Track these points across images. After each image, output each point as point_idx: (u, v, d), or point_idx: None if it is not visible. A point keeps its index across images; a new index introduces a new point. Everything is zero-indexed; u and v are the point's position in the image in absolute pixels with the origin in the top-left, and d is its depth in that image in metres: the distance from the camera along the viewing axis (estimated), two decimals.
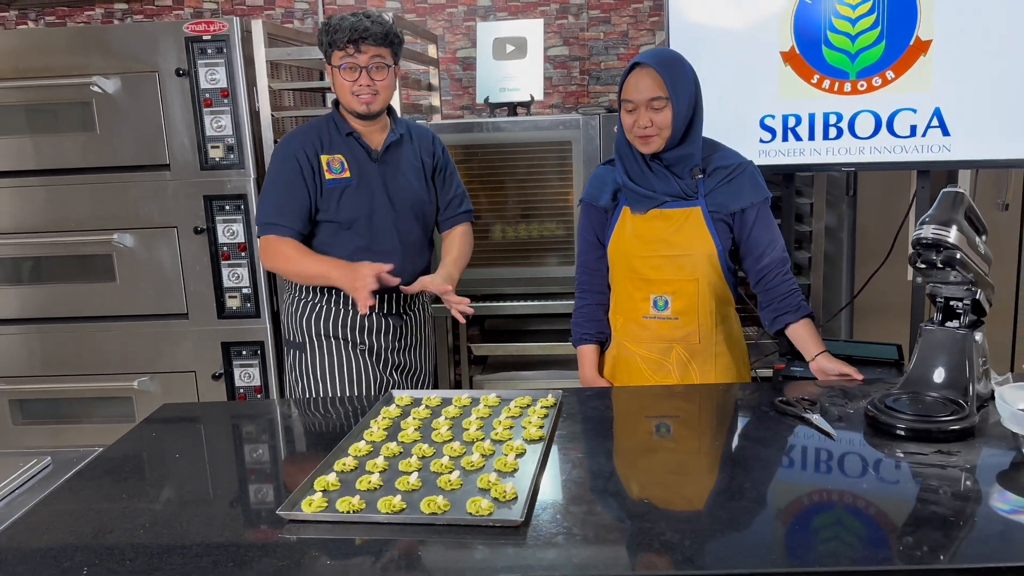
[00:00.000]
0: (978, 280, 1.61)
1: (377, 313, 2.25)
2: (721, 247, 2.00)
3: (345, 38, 2.06)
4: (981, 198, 2.88)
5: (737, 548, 1.21)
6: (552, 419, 1.67)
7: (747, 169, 2.02)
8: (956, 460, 1.42)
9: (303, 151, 2.18)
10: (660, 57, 1.95)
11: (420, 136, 2.33)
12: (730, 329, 2.10)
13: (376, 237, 2.21)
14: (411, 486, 1.37)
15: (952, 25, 2.30)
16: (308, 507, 1.31)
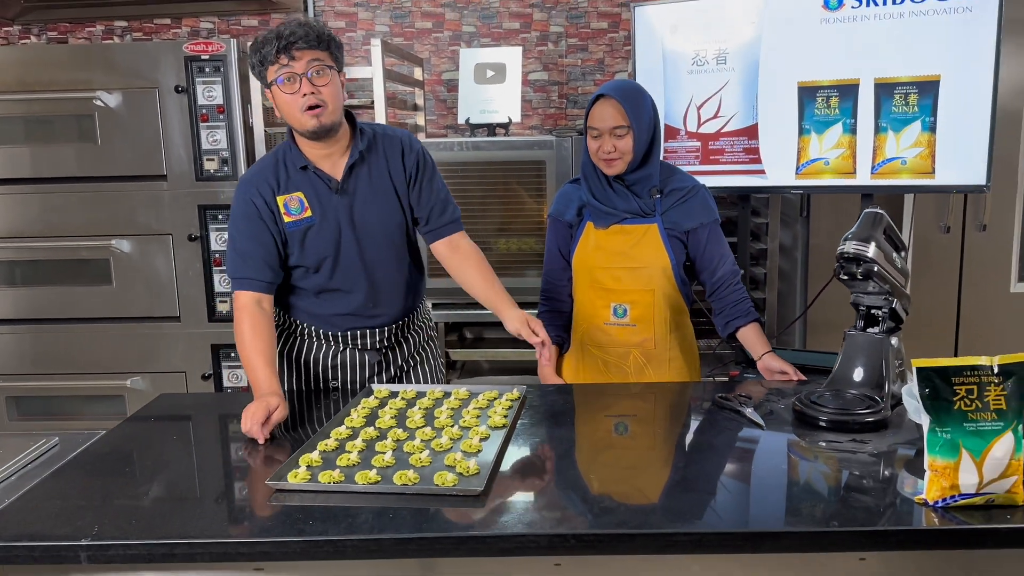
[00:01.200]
0: (895, 291, 1.81)
1: (351, 348, 2.13)
2: (675, 261, 2.19)
3: (274, 48, 1.83)
4: (924, 222, 3.10)
5: (672, 511, 1.39)
6: (516, 410, 1.85)
7: (699, 192, 2.21)
8: (867, 448, 1.61)
9: (259, 195, 1.97)
10: (622, 89, 2.14)
11: (389, 145, 2.05)
12: (683, 336, 2.30)
13: (343, 275, 2.04)
14: (386, 463, 1.55)
15: (893, 61, 2.52)
16: (294, 478, 1.49)
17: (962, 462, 1.34)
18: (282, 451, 1.70)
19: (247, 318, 1.93)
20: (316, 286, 2.05)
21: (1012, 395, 1.34)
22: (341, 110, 1.95)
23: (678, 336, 2.27)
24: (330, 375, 2.15)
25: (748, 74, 2.70)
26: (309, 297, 2.08)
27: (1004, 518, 1.32)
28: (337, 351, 2.13)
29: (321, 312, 2.09)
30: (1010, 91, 2.95)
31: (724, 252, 2.23)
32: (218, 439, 1.94)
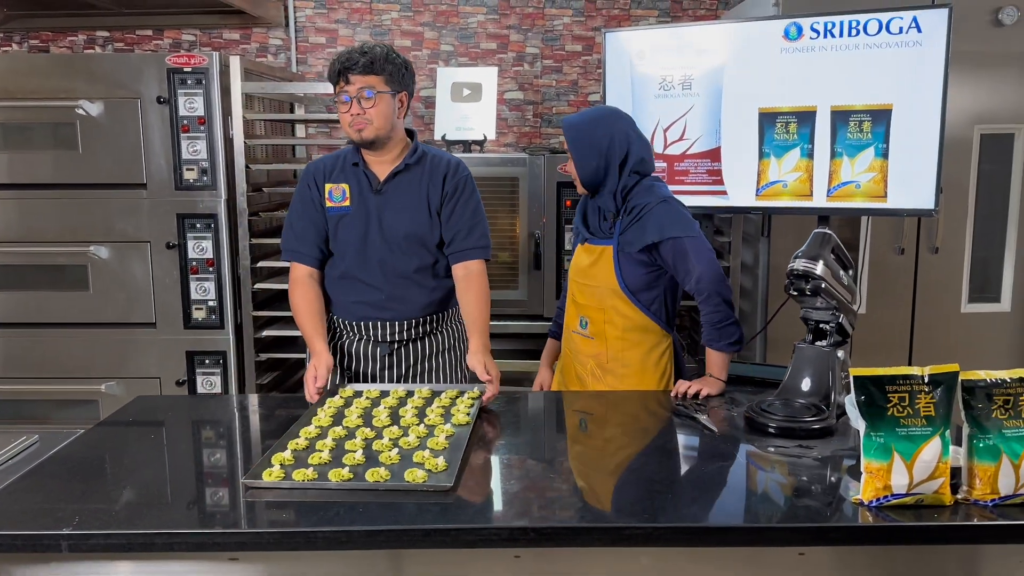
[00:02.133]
0: (841, 306, 1.92)
1: (365, 340, 2.29)
2: (626, 282, 2.23)
3: (336, 71, 2.15)
4: (880, 244, 3.24)
5: (626, 507, 1.48)
6: (477, 408, 1.93)
7: (653, 210, 2.18)
8: (812, 453, 1.72)
9: (313, 179, 2.26)
10: (572, 121, 2.27)
11: (435, 165, 2.27)
12: (646, 356, 2.29)
13: (363, 266, 2.24)
14: (356, 460, 1.63)
15: (847, 90, 2.65)
16: (269, 476, 1.56)
17: (894, 464, 1.44)
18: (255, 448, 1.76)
19: (299, 288, 2.25)
20: (341, 272, 2.27)
21: (940, 402, 1.45)
22: (389, 127, 2.18)
23: (637, 355, 2.29)
24: (344, 363, 2.33)
25: (712, 99, 2.82)
26: (336, 283, 2.29)
27: (932, 516, 1.42)
28: (353, 340, 2.31)
29: (342, 299, 2.29)
30: (959, 120, 3.10)
31: (689, 268, 2.17)
32: (194, 438, 2.00)
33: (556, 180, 3.22)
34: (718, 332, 2.17)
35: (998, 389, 1.46)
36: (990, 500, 1.45)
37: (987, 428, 1.45)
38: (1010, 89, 3.13)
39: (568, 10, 4.10)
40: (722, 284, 2.18)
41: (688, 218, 2.21)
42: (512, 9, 4.10)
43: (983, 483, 1.45)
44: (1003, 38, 3.09)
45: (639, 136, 2.27)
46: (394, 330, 2.28)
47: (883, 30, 2.58)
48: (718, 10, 4.07)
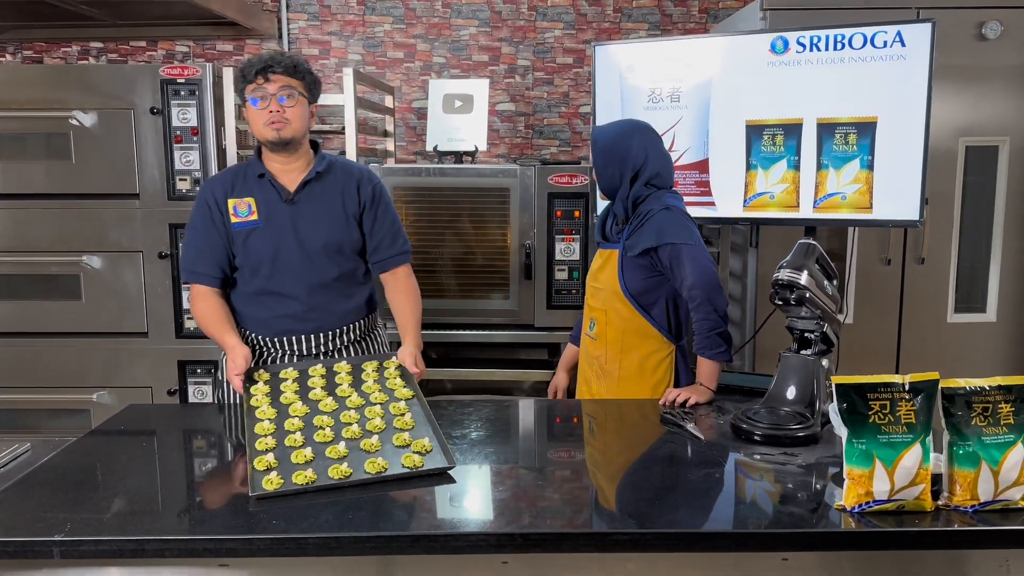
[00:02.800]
0: (826, 316, 1.95)
1: (290, 354, 2.25)
2: (628, 285, 2.29)
3: (254, 69, 2.10)
4: (867, 254, 3.28)
5: (612, 514, 1.50)
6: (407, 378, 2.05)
7: (655, 216, 2.24)
8: (796, 460, 1.74)
9: (212, 196, 2.19)
10: (596, 132, 2.39)
11: (347, 174, 2.27)
12: (643, 361, 2.33)
13: (281, 279, 2.19)
14: (341, 453, 1.65)
15: (832, 103, 2.69)
16: (270, 485, 1.56)
17: (876, 471, 1.47)
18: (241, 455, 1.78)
19: (201, 301, 2.21)
20: (258, 287, 2.21)
21: (921, 410, 1.48)
22: (304, 131, 2.19)
23: (635, 359, 2.33)
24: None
25: (700, 112, 2.86)
26: (252, 300, 2.23)
27: (913, 522, 1.45)
28: (276, 357, 2.26)
29: (261, 315, 2.23)
30: (945, 132, 3.15)
31: (684, 274, 2.21)
32: (184, 446, 2.02)
33: (547, 191, 3.25)
34: (708, 340, 2.20)
35: (977, 397, 1.48)
36: (970, 506, 1.47)
37: (967, 435, 1.48)
38: (994, 102, 3.18)
39: (559, 23, 4.14)
40: (716, 293, 2.21)
41: (688, 226, 2.26)
42: (504, 22, 4.14)
43: (963, 489, 1.48)
44: (987, 52, 3.14)
45: (658, 151, 2.34)
46: (318, 342, 2.26)
47: (868, 44, 2.62)
48: (707, 23, 4.12)
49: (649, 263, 2.27)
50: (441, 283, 3.38)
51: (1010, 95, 3.17)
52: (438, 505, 1.53)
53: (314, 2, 4.13)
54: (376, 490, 1.56)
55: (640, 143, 2.31)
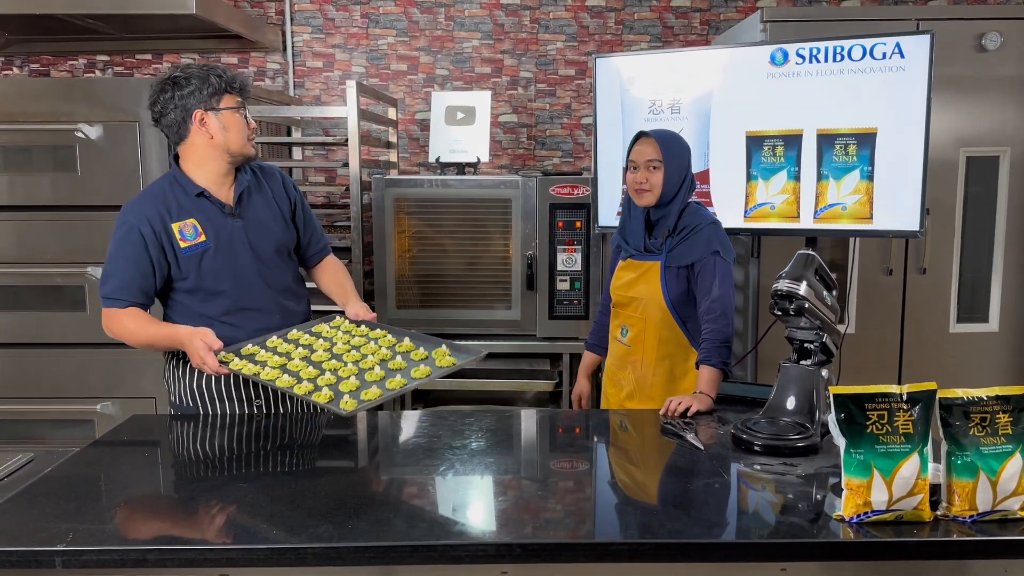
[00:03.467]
0: (825, 326, 1.96)
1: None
2: (670, 296, 2.35)
3: (239, 87, 2.14)
4: (868, 264, 3.28)
5: (612, 524, 1.50)
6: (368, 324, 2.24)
7: (703, 230, 2.34)
8: (796, 470, 1.75)
9: (148, 223, 2.09)
10: (661, 132, 2.40)
11: (269, 177, 2.29)
12: (673, 369, 2.41)
13: (248, 295, 2.17)
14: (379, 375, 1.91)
15: (832, 114, 2.70)
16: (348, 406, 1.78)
17: (874, 481, 1.47)
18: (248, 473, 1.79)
19: (128, 318, 2.11)
20: (225, 308, 2.16)
21: (919, 420, 1.49)
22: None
23: (667, 367, 2.41)
24: (251, 393, 2.21)
25: (700, 123, 2.88)
26: (218, 322, 2.14)
27: (912, 533, 1.45)
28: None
29: (234, 335, 2.14)
30: (945, 142, 3.16)
31: (710, 286, 2.30)
32: (188, 456, 2.02)
33: (549, 202, 3.27)
34: (717, 350, 2.25)
35: (975, 407, 1.49)
36: (969, 516, 1.48)
37: (965, 445, 1.48)
38: (994, 113, 3.19)
39: (561, 35, 4.17)
40: (732, 310, 2.32)
41: (729, 244, 2.37)
42: (506, 34, 4.17)
43: (962, 499, 1.48)
44: (987, 63, 3.15)
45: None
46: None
47: (867, 56, 2.63)
48: (708, 35, 4.14)
49: (688, 276, 2.35)
50: (443, 293, 3.39)
51: (1010, 105, 3.18)
52: (439, 514, 1.54)
53: (318, 15, 4.17)
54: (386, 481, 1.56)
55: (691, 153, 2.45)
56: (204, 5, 3.32)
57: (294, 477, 1.77)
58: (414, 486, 1.74)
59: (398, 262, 3.37)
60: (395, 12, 4.16)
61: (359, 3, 4.16)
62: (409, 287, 3.40)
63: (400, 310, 3.39)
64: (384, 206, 3.34)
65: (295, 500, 1.59)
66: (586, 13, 4.15)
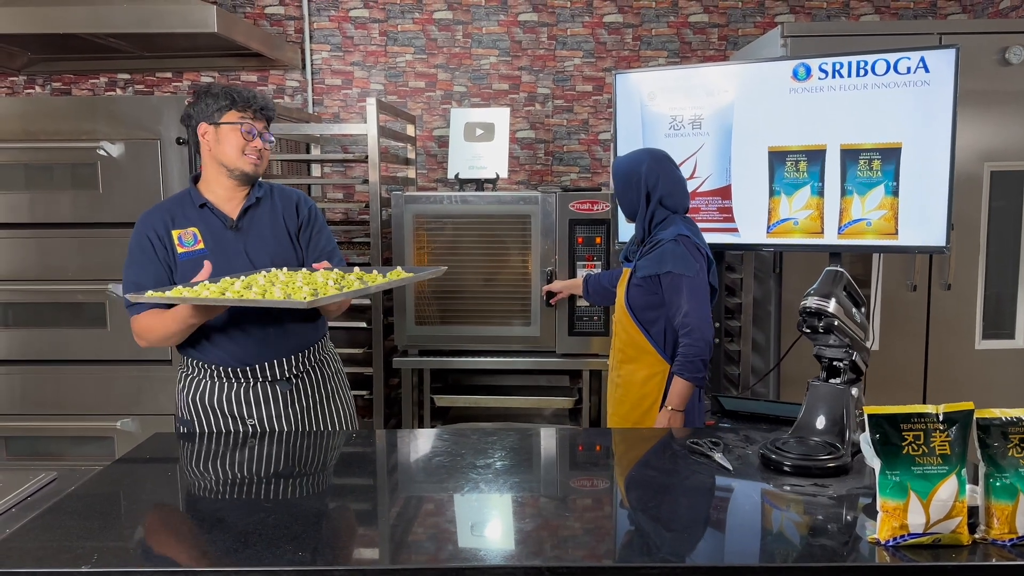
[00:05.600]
0: (854, 344, 1.92)
1: (262, 381, 2.23)
2: (630, 303, 2.51)
3: (251, 105, 2.18)
4: (892, 280, 3.24)
5: (642, 547, 1.48)
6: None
7: (662, 246, 2.44)
8: (827, 491, 1.71)
9: (153, 229, 2.17)
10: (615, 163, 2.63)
11: (284, 198, 2.32)
12: (634, 372, 2.54)
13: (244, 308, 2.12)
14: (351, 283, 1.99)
15: (856, 129, 2.68)
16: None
17: (910, 503, 1.44)
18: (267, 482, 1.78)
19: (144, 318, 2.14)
20: (220, 319, 2.16)
21: (956, 441, 1.45)
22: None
23: (630, 370, 2.56)
24: (244, 412, 2.23)
25: (722, 138, 2.86)
26: (215, 332, 2.18)
27: (950, 556, 1.41)
28: (248, 387, 2.23)
29: (229, 346, 2.19)
30: (969, 157, 3.13)
31: (678, 304, 2.41)
32: (210, 475, 2.01)
33: (568, 217, 3.26)
34: (691, 364, 2.38)
35: (1014, 428, 1.45)
36: (1008, 540, 1.44)
37: (1003, 467, 1.45)
38: (1019, 127, 3.16)
39: (579, 51, 4.17)
40: (706, 324, 2.40)
41: (690, 258, 2.41)
42: (524, 51, 4.17)
43: (1001, 522, 1.44)
44: (1011, 77, 3.13)
45: (668, 174, 2.51)
46: (283, 368, 2.24)
47: (891, 70, 2.62)
48: (726, 51, 4.14)
49: (650, 287, 2.46)
50: (462, 310, 3.38)
51: None
52: (459, 536, 1.52)
53: (337, 33, 4.19)
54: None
55: (651, 168, 2.49)
56: (225, 24, 3.35)
57: (318, 497, 1.75)
58: (438, 505, 1.72)
59: None
60: (413, 30, 4.17)
61: (377, 21, 4.18)
62: (428, 303, 3.39)
63: (419, 326, 3.39)
64: (403, 222, 3.34)
65: (320, 521, 1.57)
66: (603, 29, 4.15)
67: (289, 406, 2.25)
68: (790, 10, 4.11)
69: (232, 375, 2.21)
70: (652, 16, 4.13)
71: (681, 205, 2.53)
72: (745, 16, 4.12)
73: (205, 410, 2.24)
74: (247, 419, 2.23)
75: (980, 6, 4.00)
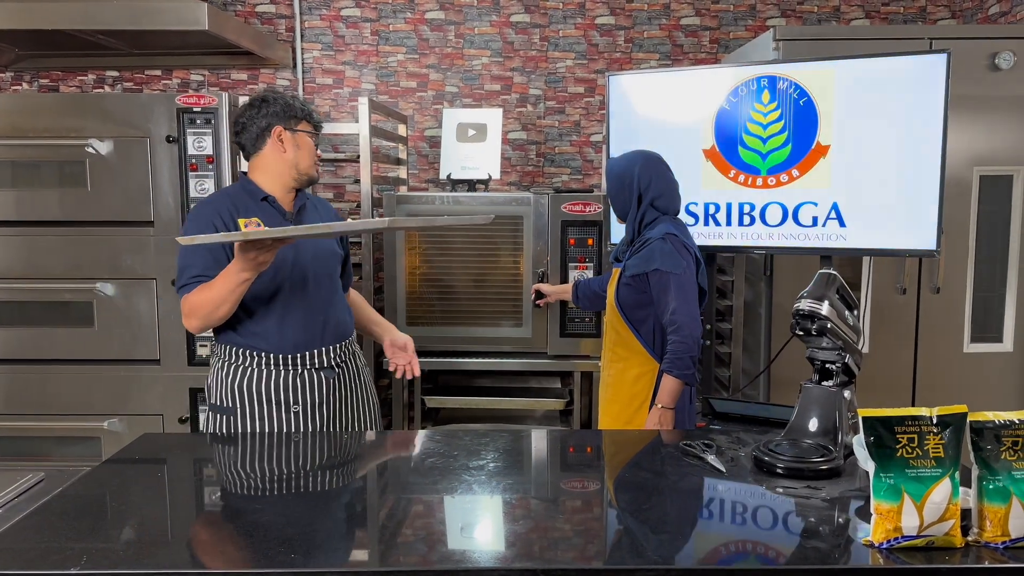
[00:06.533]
0: (847, 347, 1.93)
1: (309, 368, 2.30)
2: (620, 301, 2.54)
3: (317, 120, 2.39)
4: (882, 283, 3.26)
5: (634, 549, 1.47)
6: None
7: (651, 244, 2.47)
8: (820, 493, 1.71)
9: (219, 215, 2.25)
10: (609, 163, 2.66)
11: (323, 206, 2.50)
12: (624, 371, 2.57)
13: (306, 285, 2.30)
14: None
15: (848, 133, 2.69)
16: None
17: (904, 506, 1.44)
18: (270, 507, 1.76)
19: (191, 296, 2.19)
20: (279, 304, 2.27)
21: (949, 444, 1.46)
22: None
23: (619, 368, 2.59)
24: (291, 398, 2.30)
25: (717, 139, 2.86)
26: (270, 317, 2.27)
27: (943, 559, 1.41)
28: (296, 374, 2.30)
29: (281, 334, 2.27)
30: (958, 162, 3.15)
31: (665, 302, 2.43)
32: (202, 477, 2.00)
33: (561, 219, 3.26)
34: (680, 361, 2.40)
35: (1007, 430, 1.46)
36: (1001, 542, 1.44)
37: (996, 470, 1.45)
38: (1008, 132, 3.19)
39: (571, 53, 4.17)
40: (693, 322, 2.41)
41: (678, 257, 2.43)
42: (516, 52, 4.17)
43: (994, 525, 1.45)
44: (1000, 82, 3.15)
45: (660, 176, 2.54)
46: (330, 355, 2.35)
47: (882, 74, 2.62)
48: (718, 54, 4.15)
49: (639, 285, 2.48)
50: (454, 310, 3.37)
51: None
52: (449, 538, 1.51)
53: (328, 32, 4.18)
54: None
55: (644, 169, 2.53)
56: (216, 21, 3.33)
57: (309, 498, 1.74)
58: (432, 508, 1.71)
59: (409, 279, 3.35)
60: (405, 29, 4.16)
61: (369, 20, 4.16)
62: (420, 304, 3.38)
63: (411, 327, 3.37)
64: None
65: (312, 522, 1.56)
66: (595, 31, 4.15)
67: (330, 393, 2.34)
68: (781, 14, 4.13)
69: (282, 362, 2.28)
70: (644, 18, 4.14)
71: (672, 207, 2.56)
72: (736, 19, 4.13)
73: (251, 397, 2.28)
74: (292, 406, 2.29)
75: (969, 11, 4.03)
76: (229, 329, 2.27)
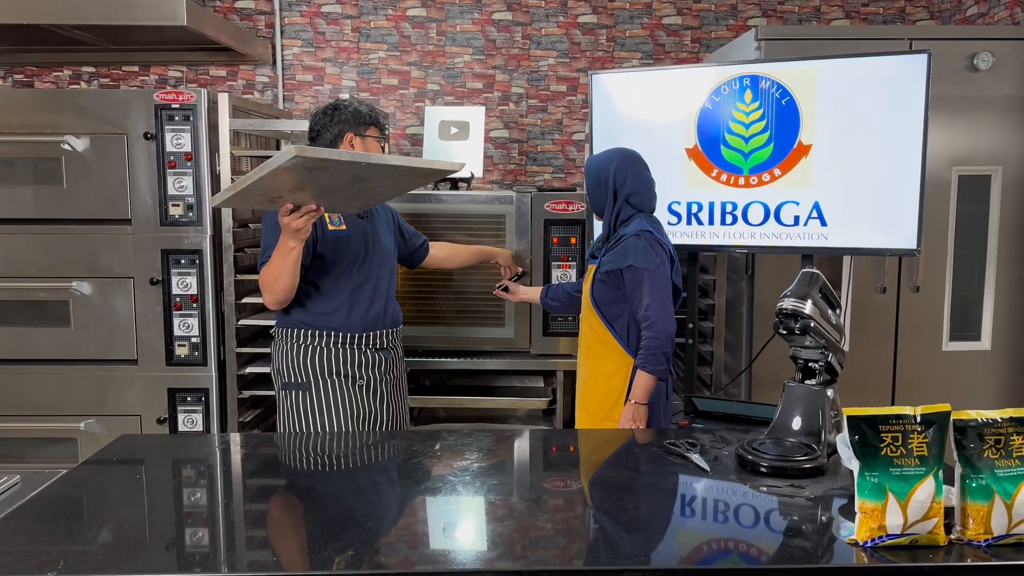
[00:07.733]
0: (830, 345, 1.94)
1: (371, 348, 2.60)
2: (595, 297, 2.56)
3: (383, 125, 2.61)
4: (862, 282, 3.28)
5: (619, 549, 1.47)
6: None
7: (625, 241, 2.48)
8: (804, 492, 1.72)
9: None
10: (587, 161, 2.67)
11: (383, 207, 2.76)
12: (600, 367, 2.58)
13: (373, 274, 2.60)
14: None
15: (829, 133, 2.71)
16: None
17: (888, 504, 1.45)
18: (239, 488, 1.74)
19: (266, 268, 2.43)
20: (354, 284, 2.57)
21: (933, 442, 1.46)
22: None
23: (594, 364, 2.60)
24: (359, 372, 2.59)
25: (698, 138, 2.87)
26: (345, 298, 2.55)
27: (927, 557, 1.42)
28: (361, 353, 2.59)
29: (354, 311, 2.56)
30: (937, 162, 3.17)
31: (639, 298, 2.46)
32: (181, 479, 1.96)
33: (543, 217, 3.25)
34: (653, 357, 2.42)
35: (989, 429, 1.47)
36: (984, 540, 1.45)
37: (979, 468, 1.46)
38: (986, 132, 3.22)
39: (552, 51, 4.17)
40: (667, 318, 2.44)
41: (651, 253, 2.44)
42: (498, 50, 4.16)
43: (976, 523, 1.46)
44: (979, 82, 3.18)
45: (637, 174, 2.55)
46: (389, 337, 2.67)
47: (863, 74, 2.64)
48: (700, 53, 4.16)
49: (614, 281, 2.50)
50: (436, 310, 3.35)
51: (1002, 125, 3.20)
52: (431, 538, 1.50)
53: (308, 28, 4.14)
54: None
55: (621, 166, 2.54)
56: (194, 17, 3.29)
57: (291, 499, 1.72)
58: (416, 509, 1.69)
59: None
60: (386, 26, 4.14)
61: (350, 17, 4.13)
62: (402, 303, 3.34)
63: None
64: None
65: (294, 524, 1.54)
66: (578, 30, 4.15)
67: (387, 372, 2.66)
68: (762, 14, 4.15)
69: (349, 341, 2.57)
70: (626, 17, 4.14)
71: (647, 205, 2.57)
72: (718, 19, 4.14)
73: (324, 369, 2.55)
74: (358, 379, 2.59)
75: (947, 12, 4.07)
76: (304, 310, 2.54)
